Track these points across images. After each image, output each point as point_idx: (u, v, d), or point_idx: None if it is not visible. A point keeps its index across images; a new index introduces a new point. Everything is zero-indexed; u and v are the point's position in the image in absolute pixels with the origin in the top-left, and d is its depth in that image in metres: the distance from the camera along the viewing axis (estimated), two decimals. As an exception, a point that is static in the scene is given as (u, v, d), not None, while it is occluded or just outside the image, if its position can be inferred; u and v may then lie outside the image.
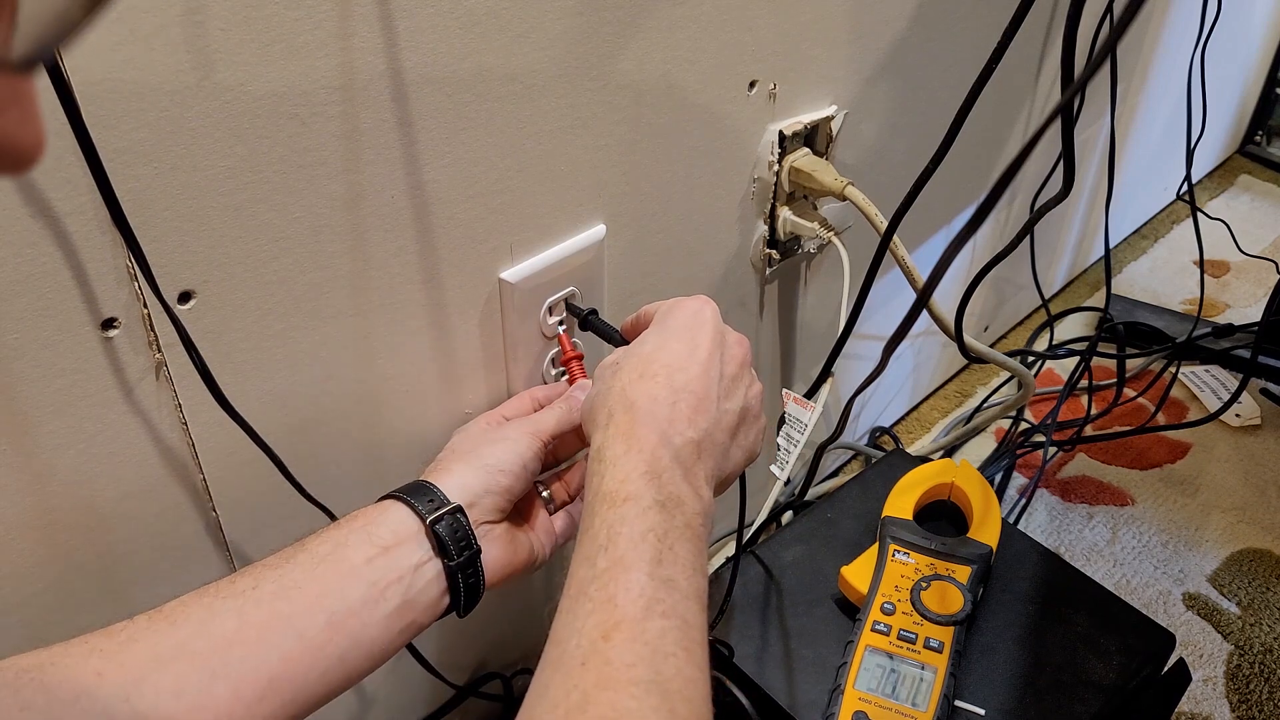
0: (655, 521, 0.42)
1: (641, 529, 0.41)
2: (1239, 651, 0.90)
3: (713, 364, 0.49)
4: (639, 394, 0.47)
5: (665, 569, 0.41)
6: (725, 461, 0.49)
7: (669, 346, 0.49)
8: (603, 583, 0.40)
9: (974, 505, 0.70)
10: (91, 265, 0.41)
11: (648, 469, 0.44)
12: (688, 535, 0.43)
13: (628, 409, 0.46)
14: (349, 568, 0.45)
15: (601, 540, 0.41)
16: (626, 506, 0.42)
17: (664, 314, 0.52)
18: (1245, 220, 1.52)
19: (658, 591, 0.40)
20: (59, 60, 0.35)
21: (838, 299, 0.87)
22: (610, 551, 0.41)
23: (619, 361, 0.50)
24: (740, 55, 0.64)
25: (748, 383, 0.52)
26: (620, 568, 0.40)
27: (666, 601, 0.40)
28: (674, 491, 0.44)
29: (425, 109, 0.48)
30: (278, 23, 0.41)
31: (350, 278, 0.50)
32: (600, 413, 0.47)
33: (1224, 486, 1.08)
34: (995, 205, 0.36)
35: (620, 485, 0.43)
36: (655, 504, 0.42)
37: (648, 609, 0.39)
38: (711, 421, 0.47)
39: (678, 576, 0.41)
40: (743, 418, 0.50)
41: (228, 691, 0.40)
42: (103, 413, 0.44)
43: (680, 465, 0.45)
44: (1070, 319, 1.34)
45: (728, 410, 0.49)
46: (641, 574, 0.40)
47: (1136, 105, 1.25)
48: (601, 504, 0.43)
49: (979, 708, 0.59)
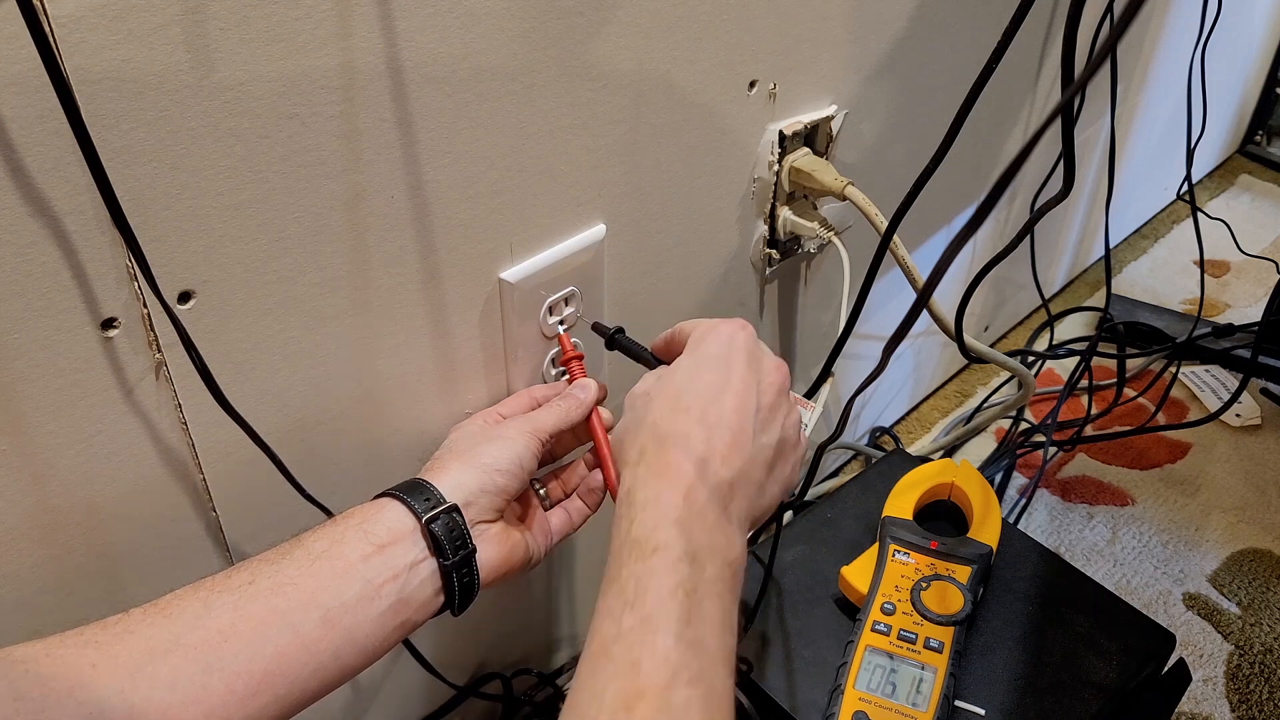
0: (685, 576, 0.40)
1: (671, 585, 0.40)
2: (1239, 651, 0.90)
3: (748, 395, 0.47)
4: (671, 430, 0.45)
5: (694, 629, 0.39)
6: (760, 499, 0.48)
7: (702, 377, 0.47)
8: (628, 644, 0.38)
9: (974, 505, 0.70)
10: (91, 265, 0.41)
11: (679, 516, 0.42)
12: (718, 589, 0.41)
13: (660, 446, 0.45)
14: (345, 565, 0.45)
15: (629, 595, 0.40)
16: (655, 559, 0.41)
17: (697, 339, 0.50)
18: (1245, 220, 1.52)
19: (684, 656, 0.38)
20: (58, 59, 0.35)
21: (838, 299, 0.87)
22: (637, 609, 0.39)
23: (650, 392, 0.48)
24: (740, 55, 0.64)
25: (785, 411, 0.50)
26: (647, 629, 0.39)
27: (693, 667, 0.38)
28: (705, 541, 0.42)
29: (425, 109, 0.48)
30: (277, 22, 0.41)
31: (350, 278, 0.50)
32: (631, 449, 0.46)
33: (1224, 486, 1.08)
34: (995, 205, 0.35)
35: (650, 534, 0.42)
36: (685, 555, 0.41)
37: (673, 677, 0.37)
38: (747, 459, 0.46)
39: (706, 637, 0.39)
40: (780, 450, 0.49)
41: (222, 685, 0.40)
42: (103, 413, 0.44)
43: (713, 509, 0.43)
44: (1070, 319, 1.34)
45: (765, 445, 0.47)
46: (669, 636, 0.38)
47: (1136, 105, 1.25)
48: (629, 553, 0.41)
49: (979, 708, 0.59)
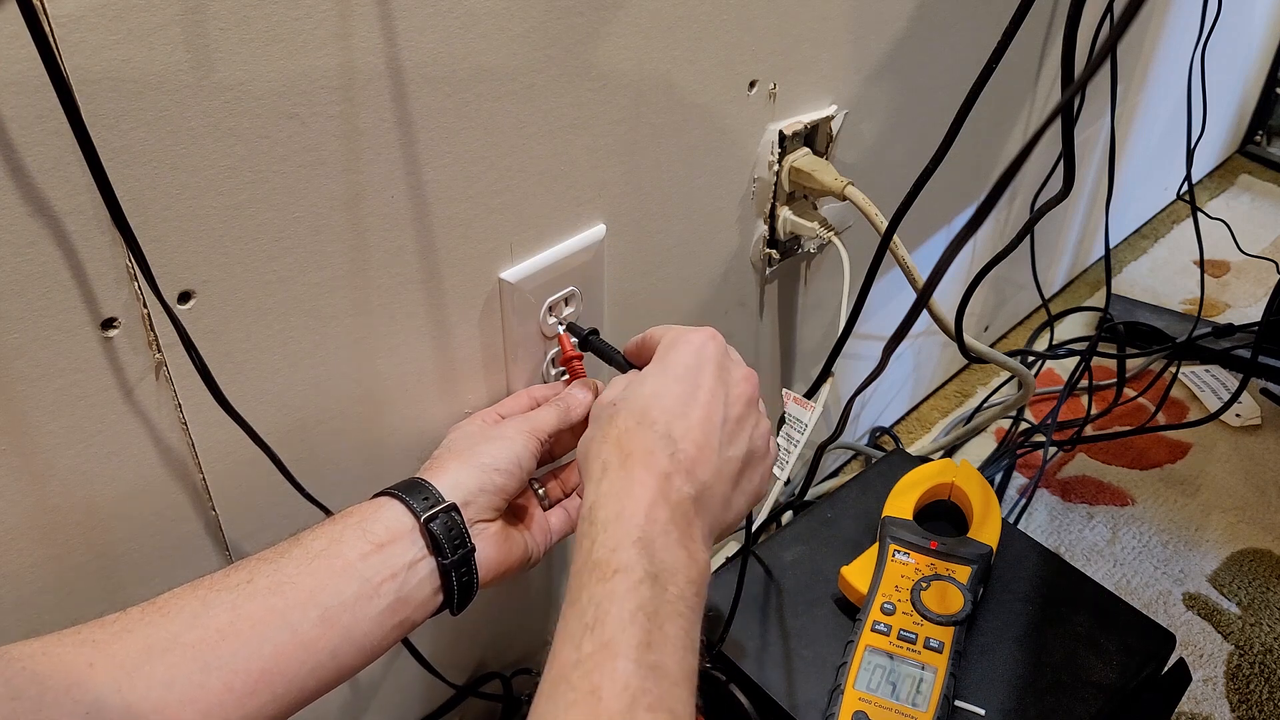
0: (646, 599, 0.40)
1: (631, 609, 0.40)
2: (1239, 651, 0.90)
3: (715, 408, 0.47)
4: (635, 445, 0.45)
5: (654, 653, 0.39)
6: (726, 512, 0.48)
7: (669, 389, 0.47)
8: (586, 670, 0.38)
9: (974, 505, 0.70)
10: (91, 265, 0.41)
11: (640, 535, 0.42)
12: (680, 609, 0.41)
13: (623, 461, 0.45)
14: (343, 564, 0.45)
15: (588, 619, 0.40)
16: (616, 581, 0.40)
17: (666, 348, 0.50)
18: (1245, 220, 1.52)
19: (645, 681, 0.38)
20: (59, 59, 0.35)
21: (838, 299, 0.87)
22: (597, 633, 0.39)
23: (616, 402, 0.48)
24: (740, 55, 0.64)
25: (754, 422, 0.50)
26: (607, 654, 0.38)
27: (654, 693, 0.38)
28: (667, 560, 0.42)
29: (425, 109, 0.48)
30: (277, 22, 0.41)
31: (350, 278, 0.50)
32: (594, 463, 0.46)
33: (1224, 486, 1.08)
34: (995, 205, 0.36)
35: (610, 554, 0.41)
36: (647, 577, 0.41)
37: (633, 703, 0.37)
38: (712, 473, 0.46)
39: (667, 661, 0.39)
40: (747, 462, 0.48)
41: (219, 684, 0.40)
42: (103, 412, 0.44)
43: (676, 527, 0.43)
44: (1070, 319, 1.34)
45: (730, 458, 0.47)
46: (629, 662, 0.38)
47: (1136, 105, 1.25)
48: (590, 575, 0.41)
49: (979, 708, 0.59)
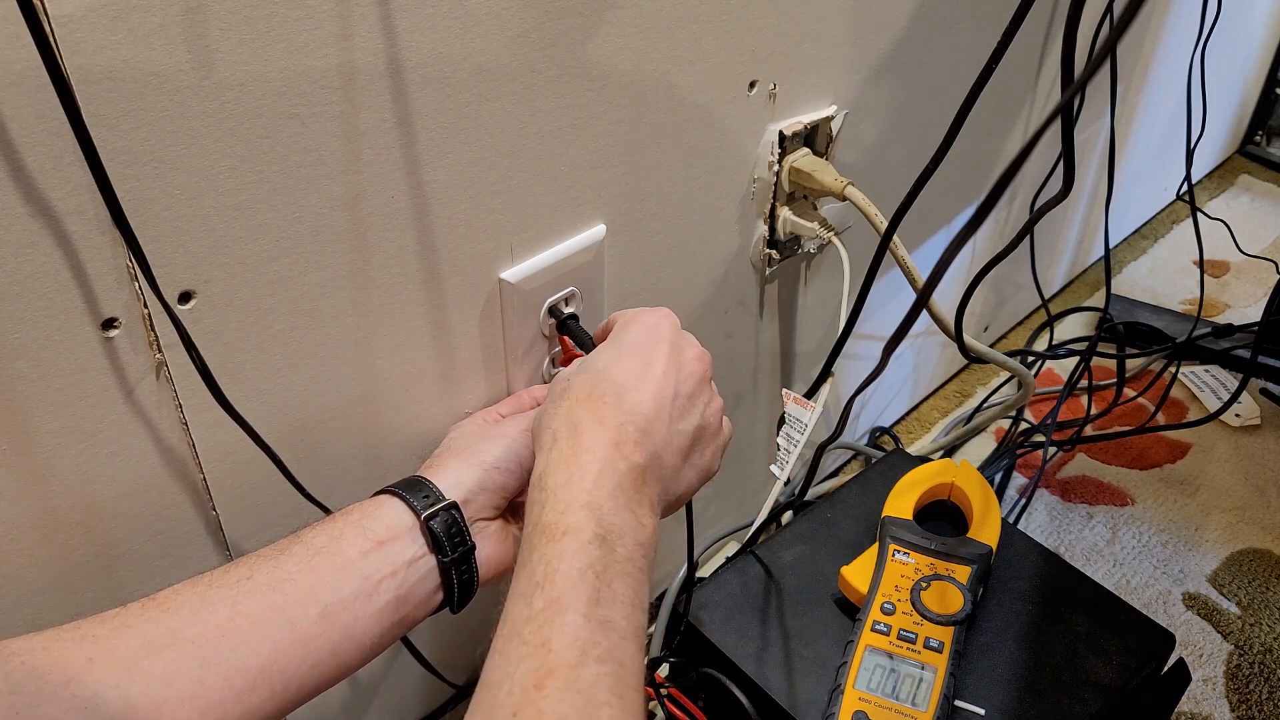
0: (595, 557, 0.41)
1: (580, 566, 0.40)
2: (1239, 651, 0.90)
3: (666, 383, 0.48)
4: (584, 415, 0.46)
5: (603, 609, 0.40)
6: (675, 484, 0.48)
7: (621, 364, 0.48)
8: (538, 624, 0.39)
9: (974, 505, 0.70)
10: (91, 265, 0.41)
11: (588, 499, 0.43)
12: (628, 569, 0.42)
13: (572, 432, 0.45)
14: (343, 561, 0.45)
15: (539, 577, 0.40)
16: (565, 541, 0.41)
17: (621, 327, 0.51)
18: (1245, 220, 1.52)
19: (594, 634, 0.39)
20: (59, 59, 0.35)
21: (838, 299, 0.87)
22: (547, 590, 0.40)
23: (570, 377, 0.49)
24: (740, 55, 0.64)
25: (706, 399, 0.50)
26: (556, 609, 0.39)
27: (603, 645, 0.39)
28: (615, 523, 0.43)
29: (425, 109, 0.48)
30: (278, 22, 0.41)
31: (350, 278, 0.50)
32: (545, 434, 0.47)
33: (1224, 486, 1.08)
34: (995, 205, 0.36)
35: (560, 517, 0.42)
36: (595, 538, 0.41)
37: (583, 654, 0.38)
38: (661, 444, 0.46)
39: (615, 616, 0.40)
40: (698, 437, 0.49)
41: (219, 680, 0.40)
42: (103, 412, 0.44)
43: (624, 493, 0.44)
44: (1070, 319, 1.34)
45: (680, 431, 0.48)
46: (578, 615, 0.39)
47: (1136, 105, 1.25)
48: (541, 537, 0.42)
49: (979, 708, 0.59)
